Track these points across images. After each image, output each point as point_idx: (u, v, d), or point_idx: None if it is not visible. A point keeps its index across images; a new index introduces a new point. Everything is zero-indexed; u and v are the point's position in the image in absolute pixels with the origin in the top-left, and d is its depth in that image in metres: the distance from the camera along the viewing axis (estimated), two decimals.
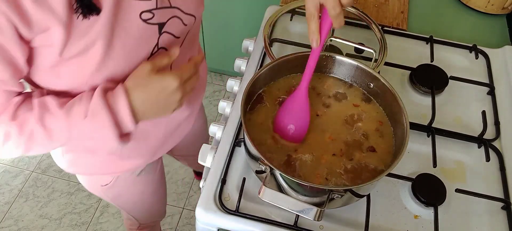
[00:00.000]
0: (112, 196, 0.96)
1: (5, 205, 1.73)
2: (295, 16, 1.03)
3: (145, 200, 1.05)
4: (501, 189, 0.77)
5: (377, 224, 0.72)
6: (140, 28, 0.59)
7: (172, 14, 0.63)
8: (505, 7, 1.06)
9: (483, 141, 0.82)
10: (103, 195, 0.95)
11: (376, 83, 0.75)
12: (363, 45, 0.82)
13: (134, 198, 1.01)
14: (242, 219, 0.71)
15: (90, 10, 0.52)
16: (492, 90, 0.91)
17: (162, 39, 0.64)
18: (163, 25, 0.62)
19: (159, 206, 1.15)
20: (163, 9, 0.61)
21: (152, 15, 0.60)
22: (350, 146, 0.71)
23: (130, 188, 0.95)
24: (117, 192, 0.94)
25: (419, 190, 0.73)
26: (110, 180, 0.89)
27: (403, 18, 1.06)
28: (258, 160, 0.65)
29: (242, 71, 0.94)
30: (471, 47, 0.98)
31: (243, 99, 0.68)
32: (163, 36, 0.63)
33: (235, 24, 1.75)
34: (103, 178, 0.88)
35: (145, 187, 0.99)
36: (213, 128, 0.83)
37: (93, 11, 0.52)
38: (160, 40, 0.63)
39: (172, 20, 0.64)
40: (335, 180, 0.67)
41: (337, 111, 0.76)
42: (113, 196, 0.96)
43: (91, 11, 0.52)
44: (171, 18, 0.63)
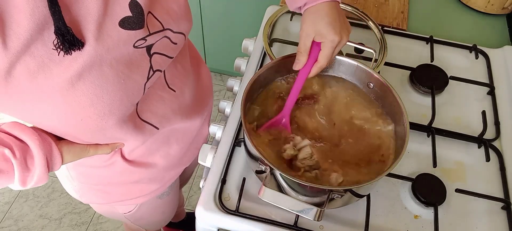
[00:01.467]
0: (133, 220, 0.94)
1: (5, 205, 1.73)
2: (295, 16, 1.03)
3: (165, 217, 1.04)
4: (501, 189, 0.77)
5: (377, 224, 0.72)
6: (132, 54, 0.56)
7: (162, 35, 0.60)
8: (505, 7, 1.06)
9: (483, 141, 0.82)
10: (124, 220, 0.93)
11: (376, 83, 0.75)
12: (363, 45, 0.82)
13: (156, 218, 0.99)
14: (242, 219, 0.71)
15: (72, 46, 0.48)
16: (492, 90, 0.91)
17: (155, 61, 0.60)
18: (151, 47, 0.59)
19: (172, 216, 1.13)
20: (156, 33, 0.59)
21: (145, 41, 0.57)
22: (350, 145, 0.71)
23: (153, 211, 0.93)
24: (139, 216, 0.92)
25: (419, 190, 0.73)
26: (133, 208, 0.86)
27: (403, 18, 1.06)
28: (258, 160, 0.65)
29: (242, 71, 0.94)
30: (471, 47, 0.98)
31: (243, 99, 0.68)
32: (154, 58, 0.60)
33: (235, 24, 1.75)
34: (124, 206, 0.86)
35: (166, 207, 0.97)
36: (213, 128, 0.83)
37: (75, 46, 0.48)
38: (153, 62, 0.60)
39: (161, 41, 0.61)
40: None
41: (337, 111, 0.76)
42: (135, 220, 0.94)
43: (73, 46, 0.48)
44: (160, 39, 0.60)
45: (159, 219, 1.02)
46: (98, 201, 0.84)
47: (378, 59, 0.87)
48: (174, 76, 0.69)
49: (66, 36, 0.47)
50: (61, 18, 0.46)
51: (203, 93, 0.85)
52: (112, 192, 0.81)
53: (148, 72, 0.60)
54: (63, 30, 0.46)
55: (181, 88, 0.72)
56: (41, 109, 0.53)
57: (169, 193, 0.93)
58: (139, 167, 0.76)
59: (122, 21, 0.53)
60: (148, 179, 0.80)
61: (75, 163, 0.69)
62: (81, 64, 0.50)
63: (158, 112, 0.68)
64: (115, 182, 0.78)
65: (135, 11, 0.54)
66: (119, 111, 0.57)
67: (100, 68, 0.52)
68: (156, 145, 0.75)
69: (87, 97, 0.52)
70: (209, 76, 0.89)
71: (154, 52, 0.60)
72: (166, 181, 0.85)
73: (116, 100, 0.55)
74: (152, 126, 0.69)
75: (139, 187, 0.81)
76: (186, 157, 0.87)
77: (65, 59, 0.49)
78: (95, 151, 0.66)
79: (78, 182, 0.79)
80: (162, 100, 0.68)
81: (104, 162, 0.73)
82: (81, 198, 0.83)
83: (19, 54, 0.45)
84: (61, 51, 0.48)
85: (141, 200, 0.85)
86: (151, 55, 0.59)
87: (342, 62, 0.77)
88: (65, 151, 0.62)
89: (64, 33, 0.46)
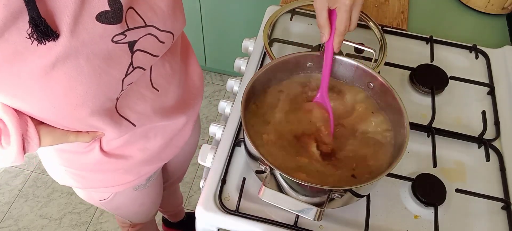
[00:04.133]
0: (110, 208, 0.95)
1: (5, 205, 1.73)
2: (295, 16, 1.03)
3: (144, 209, 1.04)
4: (501, 189, 0.77)
5: (377, 224, 0.72)
6: (112, 50, 0.56)
7: (146, 32, 0.60)
8: (505, 7, 1.06)
9: (483, 141, 0.82)
10: (101, 207, 0.94)
11: (376, 83, 0.75)
12: (363, 45, 0.82)
13: (135, 209, 1.00)
14: (242, 219, 0.71)
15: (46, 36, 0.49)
16: (492, 90, 0.91)
17: (137, 58, 0.61)
18: (134, 43, 0.59)
19: (155, 209, 1.15)
20: (136, 29, 0.58)
21: (124, 36, 0.57)
22: (348, 144, 0.71)
23: (129, 202, 0.94)
24: (115, 205, 0.93)
25: (419, 190, 0.73)
26: (108, 195, 0.87)
27: (403, 18, 1.06)
28: (258, 160, 0.65)
29: (242, 71, 0.94)
30: (471, 47, 0.98)
31: (243, 99, 0.68)
32: (136, 55, 0.60)
33: (235, 24, 1.75)
34: (101, 193, 0.87)
35: (145, 199, 0.98)
36: (213, 128, 0.83)
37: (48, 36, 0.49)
38: (134, 59, 0.60)
39: (145, 38, 0.60)
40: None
41: (337, 111, 0.76)
42: (111, 208, 0.95)
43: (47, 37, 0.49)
44: (143, 36, 0.60)
45: (138, 210, 1.02)
46: (74, 184, 0.85)
47: (378, 59, 0.87)
48: (160, 76, 0.69)
49: (40, 26, 0.48)
50: (35, 9, 0.47)
51: (190, 94, 0.84)
52: (87, 177, 0.81)
53: (128, 68, 0.60)
54: (37, 20, 0.47)
55: (165, 88, 0.72)
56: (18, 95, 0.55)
57: (147, 186, 0.93)
58: (114, 158, 0.77)
59: (100, 15, 0.53)
60: (123, 170, 0.81)
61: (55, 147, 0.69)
62: (55, 55, 0.51)
63: (137, 109, 0.69)
64: (91, 169, 0.79)
65: (114, 6, 0.54)
66: (93, 104, 0.58)
67: (76, 60, 0.53)
68: (134, 138, 0.75)
69: (61, 87, 0.54)
70: (200, 77, 0.88)
71: (137, 49, 0.60)
72: (142, 174, 0.86)
73: (90, 93, 0.57)
74: (130, 122, 0.69)
75: (114, 177, 0.82)
76: (165, 154, 0.87)
77: (39, 49, 0.50)
78: (76, 138, 0.66)
79: (57, 164, 0.80)
80: (143, 98, 0.68)
81: (82, 148, 0.73)
82: (59, 180, 0.84)
83: None
84: (34, 41, 0.49)
85: (115, 189, 0.86)
86: (134, 52, 0.60)
87: (342, 62, 0.77)
88: (43, 133, 0.62)
89: (38, 23, 0.48)
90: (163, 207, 1.45)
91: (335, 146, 0.71)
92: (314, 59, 0.78)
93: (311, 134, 0.72)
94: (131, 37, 0.58)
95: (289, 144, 0.71)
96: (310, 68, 0.79)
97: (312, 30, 1.01)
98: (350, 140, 0.72)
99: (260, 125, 0.73)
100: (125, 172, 0.82)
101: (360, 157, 0.70)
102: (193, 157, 1.17)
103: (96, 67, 0.55)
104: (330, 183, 0.66)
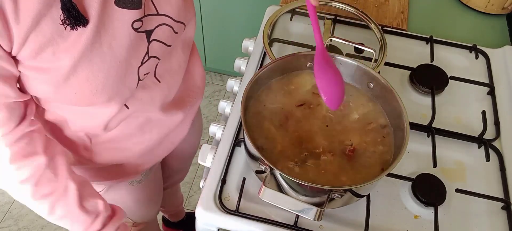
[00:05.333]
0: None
1: (5, 205, 1.73)
2: (295, 16, 1.03)
3: (140, 206, 1.04)
4: (501, 189, 0.77)
5: (377, 224, 0.72)
6: (132, 37, 0.59)
7: (160, 21, 0.62)
8: (505, 7, 1.06)
9: (483, 141, 0.82)
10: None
11: (376, 83, 0.75)
12: (363, 45, 0.82)
13: (129, 204, 0.99)
14: (242, 219, 0.71)
15: (78, 21, 0.51)
16: (492, 90, 0.91)
17: (152, 48, 0.63)
18: (151, 33, 0.62)
19: (154, 208, 1.14)
20: (150, 16, 0.61)
21: (142, 23, 0.59)
22: (346, 145, 0.71)
23: (123, 197, 0.94)
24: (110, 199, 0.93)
25: (419, 190, 0.73)
26: (101, 188, 0.87)
27: (403, 18, 1.06)
28: (258, 160, 0.65)
29: (242, 71, 0.94)
30: (471, 47, 0.98)
31: (243, 99, 0.68)
32: (152, 44, 0.63)
33: (235, 24, 1.75)
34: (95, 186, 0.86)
35: (140, 195, 0.97)
36: (213, 128, 0.83)
37: (80, 22, 0.52)
38: (150, 49, 0.63)
39: (160, 28, 0.63)
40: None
41: (336, 111, 0.76)
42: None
43: (78, 22, 0.52)
44: (158, 26, 0.62)
45: (133, 207, 1.01)
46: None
47: (378, 59, 0.87)
48: (164, 69, 0.70)
49: (72, 11, 0.50)
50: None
51: (191, 93, 0.84)
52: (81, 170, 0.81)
53: (144, 57, 0.62)
54: (69, 5, 0.50)
55: (167, 81, 0.72)
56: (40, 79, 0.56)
57: (143, 182, 0.93)
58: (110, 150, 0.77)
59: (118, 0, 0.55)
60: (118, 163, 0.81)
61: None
62: (85, 40, 0.53)
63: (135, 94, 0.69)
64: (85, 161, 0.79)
65: None
66: (111, 91, 0.60)
67: (100, 47, 0.55)
68: (129, 131, 0.75)
69: (85, 73, 0.56)
70: (202, 78, 0.89)
71: (153, 39, 0.63)
72: (137, 169, 0.86)
73: (109, 80, 0.59)
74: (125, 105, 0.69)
75: (108, 170, 0.82)
76: (160, 149, 0.87)
77: (71, 35, 0.52)
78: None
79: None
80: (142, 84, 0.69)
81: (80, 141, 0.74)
82: None
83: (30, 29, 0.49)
84: (67, 27, 0.51)
85: (110, 182, 0.86)
86: (150, 42, 0.62)
87: (342, 62, 0.77)
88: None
89: (69, 8, 0.50)
90: (164, 207, 1.45)
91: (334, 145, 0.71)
92: None
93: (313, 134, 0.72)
94: (147, 25, 0.61)
95: (292, 144, 0.71)
96: (310, 68, 0.79)
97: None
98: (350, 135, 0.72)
99: (260, 124, 0.73)
100: (120, 165, 0.82)
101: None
102: (194, 157, 1.18)
103: (117, 55, 0.58)
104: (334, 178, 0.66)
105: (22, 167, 0.61)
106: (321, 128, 0.73)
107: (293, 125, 0.73)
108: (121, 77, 0.60)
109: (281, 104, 0.75)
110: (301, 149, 0.70)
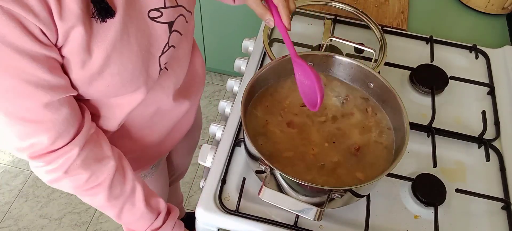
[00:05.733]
0: None
1: (5, 205, 1.73)
2: (295, 16, 1.03)
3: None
4: (501, 189, 0.77)
5: (377, 224, 0.72)
6: (152, 27, 0.60)
7: (179, 12, 0.64)
8: (505, 7, 1.06)
9: (483, 141, 0.82)
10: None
11: (376, 83, 0.75)
12: (363, 45, 0.82)
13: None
14: (242, 219, 0.71)
15: (107, 13, 0.52)
16: (492, 90, 0.91)
17: (172, 38, 0.65)
18: (172, 24, 0.63)
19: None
20: (172, 8, 0.62)
21: (160, 13, 0.61)
22: (349, 145, 0.71)
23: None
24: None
25: (419, 190, 0.73)
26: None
27: (403, 18, 1.06)
28: (258, 160, 0.65)
29: (242, 71, 0.94)
30: (471, 47, 0.98)
31: (243, 99, 0.68)
32: (173, 35, 0.64)
33: (235, 24, 1.75)
34: None
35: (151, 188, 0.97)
36: (213, 128, 0.83)
37: (109, 13, 0.53)
38: (170, 39, 0.64)
39: (179, 19, 0.65)
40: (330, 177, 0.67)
41: (336, 111, 0.76)
42: None
43: (107, 14, 0.53)
44: (178, 16, 0.64)
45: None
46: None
47: (378, 59, 0.87)
48: (172, 58, 0.70)
49: (102, 3, 0.51)
50: None
51: (194, 81, 0.85)
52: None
53: (164, 46, 0.64)
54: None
55: (174, 69, 0.73)
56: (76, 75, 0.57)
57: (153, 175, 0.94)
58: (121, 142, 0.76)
59: None
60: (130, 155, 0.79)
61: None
62: (114, 32, 0.54)
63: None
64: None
65: None
66: (138, 81, 0.62)
67: (128, 38, 0.56)
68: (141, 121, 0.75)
69: (116, 65, 0.57)
70: (202, 66, 0.90)
71: (174, 29, 0.64)
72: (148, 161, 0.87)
73: (136, 70, 0.60)
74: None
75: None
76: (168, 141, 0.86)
77: (101, 28, 0.53)
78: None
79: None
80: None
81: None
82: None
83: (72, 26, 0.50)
84: (98, 19, 0.52)
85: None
86: (171, 32, 0.64)
87: (342, 62, 0.77)
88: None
89: (99, 1, 0.51)
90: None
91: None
92: (314, 59, 0.78)
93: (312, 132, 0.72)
94: (167, 17, 0.62)
95: (292, 143, 0.71)
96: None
97: (312, 30, 1.01)
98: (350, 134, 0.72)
99: (260, 124, 0.73)
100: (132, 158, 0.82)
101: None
102: (193, 157, 1.17)
103: (142, 46, 0.59)
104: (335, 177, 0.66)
105: (96, 171, 0.61)
106: (322, 128, 0.73)
107: (293, 124, 0.73)
108: (146, 67, 0.62)
109: (281, 104, 0.75)
110: (302, 149, 0.70)
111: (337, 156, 0.70)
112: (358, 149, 0.71)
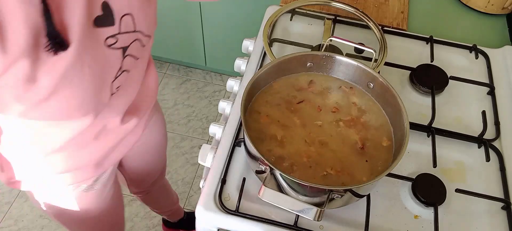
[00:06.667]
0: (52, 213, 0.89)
1: (5, 205, 1.73)
2: (295, 16, 1.03)
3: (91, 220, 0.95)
4: (501, 189, 0.77)
5: (377, 224, 0.72)
6: (106, 54, 0.58)
7: (135, 37, 0.62)
8: (505, 7, 1.06)
9: (483, 141, 0.82)
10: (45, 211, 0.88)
11: (376, 83, 0.75)
12: (363, 45, 0.82)
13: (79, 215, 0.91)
14: (242, 219, 0.71)
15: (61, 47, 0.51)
16: (492, 90, 0.91)
17: (125, 62, 0.63)
18: (126, 49, 0.62)
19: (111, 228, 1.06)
20: (127, 33, 0.60)
21: (116, 40, 0.59)
22: (348, 145, 0.71)
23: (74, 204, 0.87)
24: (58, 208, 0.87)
25: (419, 190, 0.73)
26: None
27: (403, 18, 1.06)
28: (258, 160, 0.65)
29: (242, 71, 0.94)
30: (471, 47, 0.98)
31: (243, 99, 0.68)
32: (126, 59, 0.63)
33: (235, 24, 1.75)
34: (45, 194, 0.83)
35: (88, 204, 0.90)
36: (213, 128, 0.83)
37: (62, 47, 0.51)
38: (123, 63, 0.63)
39: (134, 43, 0.63)
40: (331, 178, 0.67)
41: (336, 111, 0.76)
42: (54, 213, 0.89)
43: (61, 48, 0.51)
44: (133, 41, 0.62)
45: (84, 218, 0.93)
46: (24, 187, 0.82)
47: (378, 59, 0.87)
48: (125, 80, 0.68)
49: (57, 39, 0.50)
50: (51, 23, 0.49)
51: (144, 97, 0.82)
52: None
53: (117, 72, 0.62)
54: (54, 34, 0.49)
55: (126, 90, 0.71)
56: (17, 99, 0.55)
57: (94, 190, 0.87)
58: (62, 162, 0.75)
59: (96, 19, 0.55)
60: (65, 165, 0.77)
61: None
62: (65, 63, 0.52)
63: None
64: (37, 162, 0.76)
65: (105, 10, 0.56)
66: (88, 107, 0.61)
67: (81, 68, 0.55)
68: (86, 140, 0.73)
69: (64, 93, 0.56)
70: (156, 81, 0.86)
71: (127, 54, 0.63)
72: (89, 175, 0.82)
73: (87, 98, 0.59)
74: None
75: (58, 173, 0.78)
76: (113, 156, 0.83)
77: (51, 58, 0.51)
78: None
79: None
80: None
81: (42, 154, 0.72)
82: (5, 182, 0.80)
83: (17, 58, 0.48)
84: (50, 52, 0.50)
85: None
86: (125, 57, 0.62)
87: (342, 62, 0.77)
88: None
89: (55, 36, 0.49)
90: (158, 209, 1.43)
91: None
92: (314, 59, 0.78)
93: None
94: (122, 42, 0.60)
95: (291, 140, 0.71)
96: (310, 68, 0.79)
97: (312, 30, 1.01)
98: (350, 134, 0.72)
99: (260, 124, 0.73)
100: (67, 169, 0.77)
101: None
102: (193, 157, 1.15)
103: (96, 74, 0.57)
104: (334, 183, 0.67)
105: None
106: (322, 128, 0.73)
107: (293, 124, 0.73)
108: (97, 93, 0.60)
109: (281, 104, 0.75)
110: (302, 148, 0.70)
111: (337, 155, 0.70)
112: (358, 148, 0.71)
